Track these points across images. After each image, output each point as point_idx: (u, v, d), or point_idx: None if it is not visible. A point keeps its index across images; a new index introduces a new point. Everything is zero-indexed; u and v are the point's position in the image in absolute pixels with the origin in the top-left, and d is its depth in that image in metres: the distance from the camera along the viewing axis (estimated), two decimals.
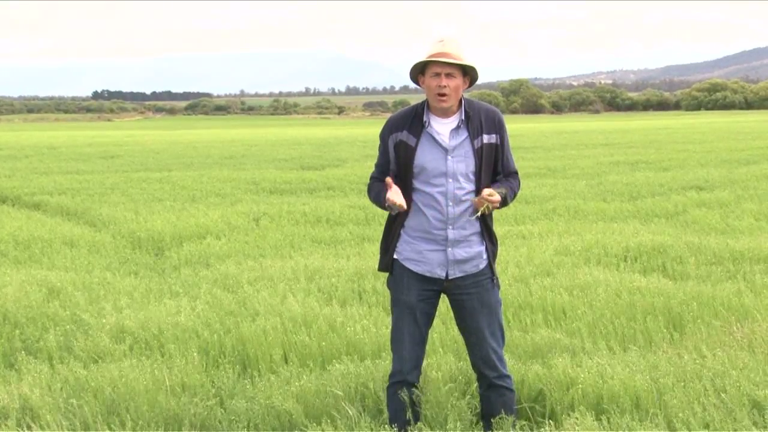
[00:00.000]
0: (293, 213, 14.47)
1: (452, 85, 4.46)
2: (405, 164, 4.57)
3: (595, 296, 7.58)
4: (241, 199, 17.20)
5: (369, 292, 8.20)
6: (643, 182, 18.60)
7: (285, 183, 20.33)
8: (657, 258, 9.56)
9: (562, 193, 17.02)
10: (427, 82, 4.51)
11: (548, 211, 14.51)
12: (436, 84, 4.46)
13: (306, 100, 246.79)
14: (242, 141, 45.14)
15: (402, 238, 4.68)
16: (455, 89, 4.48)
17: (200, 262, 10.59)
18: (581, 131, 50.63)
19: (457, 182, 4.51)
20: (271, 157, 30.79)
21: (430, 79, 4.49)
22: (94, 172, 24.93)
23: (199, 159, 30.28)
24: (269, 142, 43.68)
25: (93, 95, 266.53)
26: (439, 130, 4.55)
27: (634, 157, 26.99)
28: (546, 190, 17.60)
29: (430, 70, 4.49)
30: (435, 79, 4.47)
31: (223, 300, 7.97)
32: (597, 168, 23.23)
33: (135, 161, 29.60)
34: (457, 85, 4.48)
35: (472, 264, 4.62)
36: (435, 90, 4.48)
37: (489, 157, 4.57)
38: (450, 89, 4.46)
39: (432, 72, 4.48)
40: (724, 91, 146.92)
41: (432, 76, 4.48)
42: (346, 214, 14.25)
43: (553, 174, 21.93)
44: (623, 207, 14.76)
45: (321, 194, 18.20)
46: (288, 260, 10.22)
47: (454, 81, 4.46)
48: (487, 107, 4.65)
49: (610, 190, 17.38)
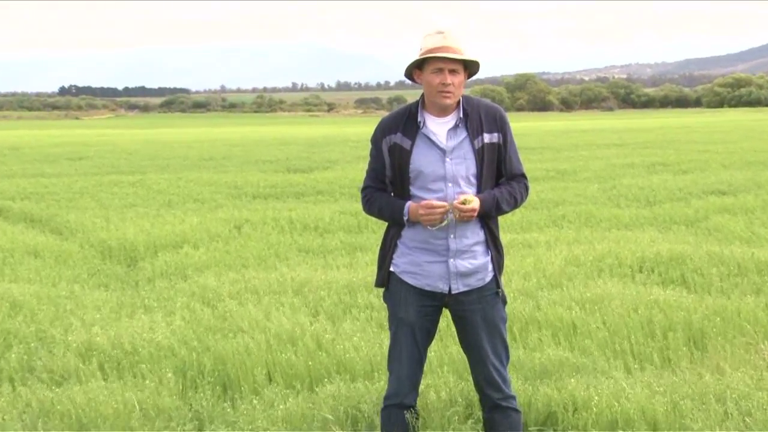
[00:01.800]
0: (278, 220, 14.44)
1: (456, 81, 4.45)
2: (400, 169, 4.55)
3: (609, 311, 7.58)
4: (222, 205, 17.17)
5: (361, 307, 8.18)
6: (661, 186, 18.62)
7: (269, 187, 20.31)
8: (676, 269, 9.56)
9: (572, 198, 17.03)
10: (427, 78, 4.49)
11: (557, 217, 14.51)
12: (440, 81, 4.44)
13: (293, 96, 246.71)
14: (223, 141, 45.11)
15: (399, 249, 4.65)
16: (459, 85, 4.48)
17: (177, 273, 10.56)
18: (593, 130, 50.71)
19: (457, 186, 4.49)
20: (255, 158, 30.76)
21: (431, 76, 4.47)
22: (61, 175, 24.88)
23: (176, 161, 30.23)
24: (252, 142, 43.66)
25: (60, 91, 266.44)
26: (435, 131, 4.53)
27: (651, 158, 27.03)
28: (554, 194, 17.61)
29: (430, 65, 4.47)
30: (437, 76, 4.45)
31: (202, 315, 7.95)
32: (610, 170, 23.25)
33: (105, 163, 29.54)
34: (461, 82, 4.49)
35: (477, 277, 4.59)
36: (438, 87, 4.46)
37: (491, 158, 4.55)
38: (455, 86, 4.45)
39: (434, 68, 4.46)
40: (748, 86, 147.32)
41: (434, 72, 4.46)
42: (336, 221, 14.24)
43: (563, 177, 21.94)
44: (639, 213, 14.77)
45: (309, 199, 18.18)
46: (273, 271, 10.20)
47: (458, 77, 4.46)
48: (487, 104, 4.63)
49: (625, 195, 17.39)
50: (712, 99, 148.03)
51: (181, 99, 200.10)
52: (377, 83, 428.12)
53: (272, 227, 13.90)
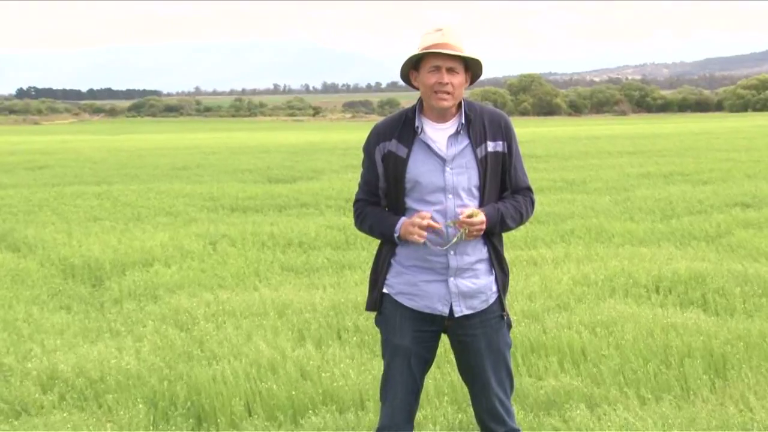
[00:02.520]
0: (259, 235, 14.44)
1: (455, 81, 4.43)
2: (395, 179, 4.52)
3: (622, 335, 7.59)
4: (196, 219, 17.16)
5: (350, 330, 8.18)
6: (679, 198, 18.66)
7: (249, 199, 20.30)
8: (696, 289, 9.59)
9: (582, 211, 17.06)
10: (423, 78, 4.48)
11: (565, 232, 14.54)
12: (436, 80, 4.42)
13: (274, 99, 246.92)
14: (198, 148, 45.09)
15: (393, 268, 4.62)
16: (458, 86, 4.45)
17: (146, 294, 10.55)
18: (604, 137, 50.81)
19: (458, 198, 4.46)
20: (233, 167, 30.75)
21: (427, 75, 4.45)
22: (18, 185, 24.84)
23: (146, 170, 30.20)
24: (230, 149, 43.65)
25: (17, 93, 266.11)
26: (434, 137, 4.51)
27: (668, 167, 27.09)
28: (562, 206, 17.64)
29: (427, 63, 4.45)
30: (434, 75, 4.43)
31: (175, 340, 7.94)
32: (623, 181, 23.30)
33: (68, 173, 29.50)
34: (460, 82, 4.46)
35: (480, 299, 4.56)
36: (434, 87, 4.43)
37: (495, 169, 4.53)
38: (453, 86, 4.43)
39: (430, 66, 4.44)
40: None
41: (430, 70, 4.44)
42: (322, 237, 14.24)
43: (571, 188, 21.98)
44: (655, 227, 14.80)
45: (292, 212, 18.18)
46: (252, 292, 10.19)
47: (456, 77, 4.44)
48: (491, 110, 4.63)
49: (639, 208, 17.43)
50: (735, 102, 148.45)
51: (152, 102, 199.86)
52: (367, 84, 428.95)
53: (252, 243, 13.89)
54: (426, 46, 4.43)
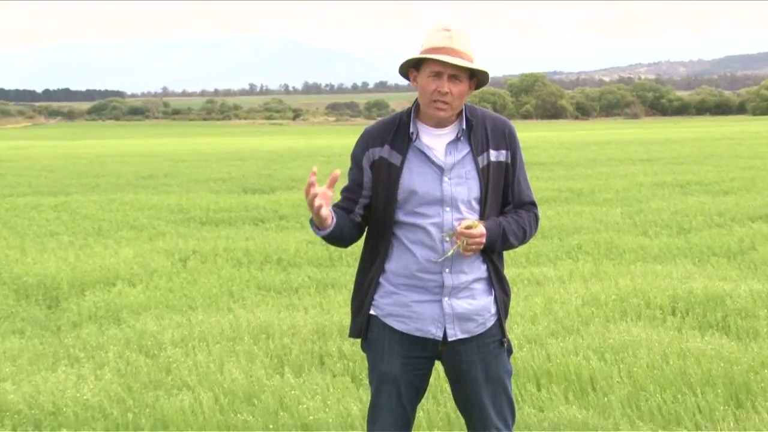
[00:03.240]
0: (233, 251, 14.43)
1: (456, 91, 4.38)
2: (386, 189, 4.48)
3: (634, 361, 7.60)
4: (164, 233, 17.14)
5: (333, 356, 8.18)
6: (697, 210, 18.71)
7: (222, 211, 20.29)
8: (715, 311, 9.60)
9: (590, 225, 17.09)
10: (422, 81, 4.42)
11: (571, 247, 14.56)
12: (435, 88, 4.37)
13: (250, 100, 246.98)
14: (165, 155, 45.05)
15: (381, 287, 4.58)
16: (459, 96, 4.40)
17: (108, 316, 10.53)
18: (615, 142, 50.93)
19: (456, 212, 4.42)
20: (204, 176, 30.74)
21: (427, 80, 4.40)
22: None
23: (108, 179, 30.17)
24: (201, 155, 43.63)
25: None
26: (431, 144, 4.48)
27: (685, 176, 27.16)
28: (568, 219, 17.66)
29: (428, 67, 4.40)
30: (434, 81, 4.38)
31: (140, 367, 7.92)
32: (636, 191, 23.35)
33: (21, 182, 29.44)
34: (462, 92, 4.41)
35: (477, 321, 4.54)
36: (433, 95, 4.39)
37: (497, 180, 4.50)
38: (453, 96, 4.38)
39: (431, 70, 4.38)
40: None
41: (431, 75, 4.39)
42: (303, 253, 14.24)
43: (578, 199, 22.02)
44: (670, 243, 14.83)
45: (270, 226, 18.18)
46: (226, 314, 10.18)
47: (459, 86, 4.39)
48: (494, 116, 4.61)
49: (653, 221, 17.46)
50: (759, 104, 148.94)
51: (114, 103, 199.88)
52: (353, 85, 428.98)
53: (225, 260, 13.88)
54: (430, 48, 4.38)
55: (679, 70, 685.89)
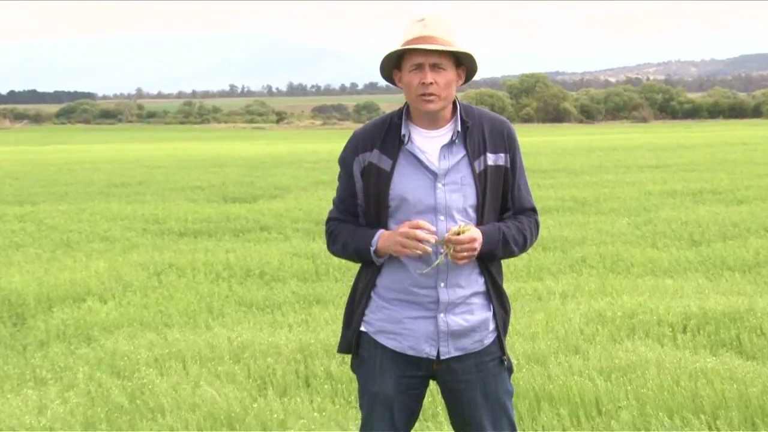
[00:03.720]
0: (212, 264, 14.42)
1: (441, 80, 4.39)
2: (377, 196, 4.49)
3: (643, 382, 7.61)
4: (138, 245, 17.13)
5: (320, 377, 8.18)
6: (710, 220, 18.73)
7: (201, 221, 20.28)
8: (729, 328, 9.61)
9: (595, 236, 17.10)
10: (405, 78, 4.44)
11: (575, 260, 14.57)
12: (419, 80, 4.38)
13: (231, 102, 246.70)
14: (139, 161, 45.03)
15: (372, 302, 4.59)
16: (446, 86, 4.41)
17: (78, 334, 10.51)
18: (621, 147, 50.98)
19: (451, 220, 4.43)
20: (181, 183, 30.72)
21: (409, 75, 4.42)
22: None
23: (78, 187, 30.14)
24: (178, 162, 43.61)
25: None
26: (423, 148, 4.48)
27: (697, 184, 27.19)
28: (572, 230, 17.68)
29: (408, 61, 4.42)
30: (416, 74, 4.40)
31: (111, 389, 7.91)
32: (644, 200, 23.38)
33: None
34: (449, 81, 4.41)
35: (474, 339, 4.55)
36: (418, 89, 4.39)
37: (495, 186, 4.51)
38: (439, 86, 4.39)
39: (412, 64, 4.41)
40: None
41: (412, 69, 4.41)
42: (287, 266, 14.23)
43: (582, 208, 22.04)
44: (681, 255, 14.85)
45: (252, 237, 18.17)
46: (204, 332, 10.18)
47: (443, 75, 4.40)
48: (492, 116, 4.61)
49: (663, 232, 17.48)
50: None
51: (85, 106, 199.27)
52: (341, 86, 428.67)
53: (204, 274, 13.87)
54: (406, 41, 4.41)
55: (690, 70, 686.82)
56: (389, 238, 4.39)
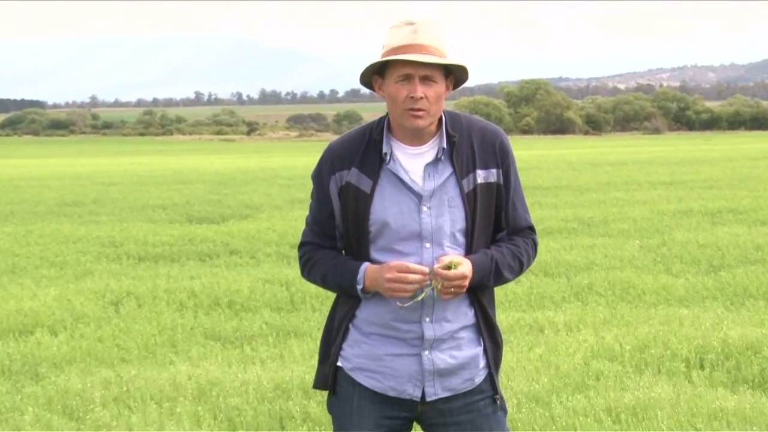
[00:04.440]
0: (175, 292, 14.40)
1: (431, 94, 4.36)
2: (356, 220, 4.47)
3: (655, 424, 7.62)
4: (92, 271, 17.10)
5: (296, 419, 8.18)
6: (730, 243, 18.77)
7: (162, 244, 20.25)
8: (751, 363, 9.63)
9: (602, 260, 17.12)
10: (390, 89, 4.41)
11: (580, 288, 14.58)
12: (407, 94, 4.35)
13: (196, 111, 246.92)
14: (94, 177, 44.96)
15: (350, 336, 4.58)
16: (436, 100, 4.39)
17: (25, 371, 10.49)
18: (632, 162, 51.07)
19: (438, 247, 4.42)
20: (141, 202, 30.69)
21: (395, 86, 4.38)
22: None
23: (25, 206, 30.08)
24: (137, 178, 43.56)
25: None
26: (407, 166, 4.47)
27: (716, 203, 27.25)
28: (577, 254, 17.70)
29: (395, 71, 4.38)
30: (404, 86, 4.36)
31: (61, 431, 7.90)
32: (657, 220, 23.41)
33: None
34: (439, 95, 4.39)
35: (464, 377, 4.54)
36: (405, 103, 4.36)
37: (487, 206, 4.50)
38: (428, 101, 4.36)
39: (398, 74, 4.37)
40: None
41: (399, 80, 4.37)
42: (259, 294, 14.21)
43: (589, 229, 22.07)
44: (698, 282, 14.87)
45: (220, 262, 18.16)
46: (166, 368, 10.16)
47: (434, 88, 4.37)
48: (483, 126, 4.59)
49: (678, 256, 17.52)
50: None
51: (33, 116, 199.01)
52: (320, 93, 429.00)
53: (166, 303, 13.85)
54: (393, 48, 4.37)
55: (707, 75, 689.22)
56: (377, 276, 4.37)
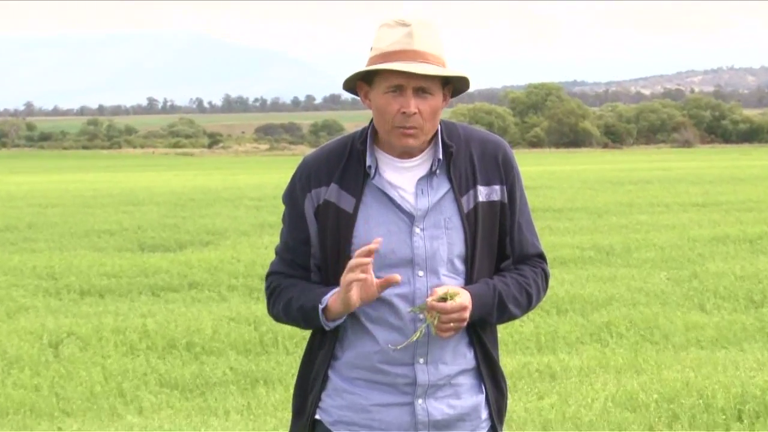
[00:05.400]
0: (124, 332, 14.39)
1: (426, 109, 4.31)
2: (336, 246, 4.44)
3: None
4: (28, 307, 17.09)
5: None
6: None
7: (110, 276, 20.25)
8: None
9: (624, 295, 17.14)
10: (378, 101, 4.36)
11: (598, 327, 14.60)
12: (398, 108, 4.30)
13: (149, 120, 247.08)
14: (30, 197, 44.96)
15: (331, 383, 4.54)
16: (431, 115, 4.35)
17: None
18: (658, 180, 51.15)
19: (433, 276, 4.39)
20: (84, 227, 30.68)
21: (384, 98, 4.33)
22: None
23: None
24: (80, 199, 43.55)
25: None
26: (395, 182, 4.43)
27: (756, 228, 27.30)
28: (594, 288, 17.71)
29: (385, 80, 4.33)
30: (394, 99, 4.31)
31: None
32: (688, 248, 23.45)
33: None
34: (435, 109, 4.35)
35: (463, 430, 4.51)
36: (395, 119, 4.32)
37: (489, 228, 4.47)
38: (423, 117, 4.32)
39: (389, 85, 4.32)
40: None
41: (389, 91, 4.32)
42: (223, 334, 14.21)
43: (608, 259, 22.11)
44: (736, 320, 14.90)
45: (177, 297, 18.15)
46: (113, 421, 10.17)
47: (429, 102, 4.32)
48: (483, 136, 4.57)
49: (713, 290, 17.53)
50: None
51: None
52: (293, 99, 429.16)
53: (114, 345, 13.84)
54: (384, 52, 4.33)
55: (746, 79, 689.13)
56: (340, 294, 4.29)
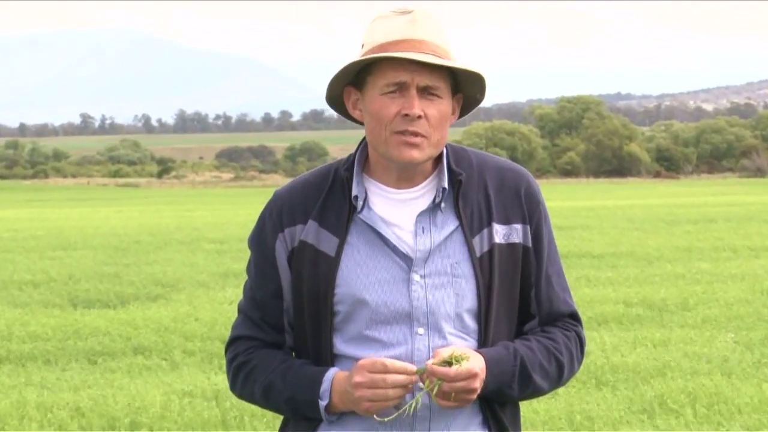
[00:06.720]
0: (52, 409, 14.43)
1: (434, 114, 4.29)
2: (314, 298, 4.42)
3: None
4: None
5: None
6: None
7: (34, 339, 20.29)
8: None
9: (680, 362, 17.18)
10: (373, 104, 4.33)
11: (647, 402, 14.64)
12: (398, 110, 4.27)
13: (83, 143, 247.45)
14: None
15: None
16: (440, 123, 4.32)
17: None
18: (725, 218, 51.21)
19: (436, 334, 4.38)
20: (2, 277, 30.75)
21: (381, 100, 4.31)
22: None
23: None
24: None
25: None
26: (389, 217, 4.42)
27: None
28: (643, 354, 17.75)
29: (382, 77, 4.31)
30: (393, 100, 4.29)
31: None
32: (759, 304, 23.48)
33: None
34: (444, 116, 4.33)
35: None
36: (395, 123, 4.29)
37: (510, 277, 4.46)
38: (429, 122, 4.29)
39: (387, 82, 4.30)
40: None
41: (387, 91, 4.30)
42: (175, 411, 14.24)
43: (660, 317, 22.13)
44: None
45: (118, 365, 18.18)
46: None
47: (437, 105, 4.31)
48: (499, 163, 4.58)
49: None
50: None
51: None
52: (264, 116, 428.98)
53: (39, 424, 13.88)
54: (380, 44, 4.32)
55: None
56: (344, 383, 4.28)
